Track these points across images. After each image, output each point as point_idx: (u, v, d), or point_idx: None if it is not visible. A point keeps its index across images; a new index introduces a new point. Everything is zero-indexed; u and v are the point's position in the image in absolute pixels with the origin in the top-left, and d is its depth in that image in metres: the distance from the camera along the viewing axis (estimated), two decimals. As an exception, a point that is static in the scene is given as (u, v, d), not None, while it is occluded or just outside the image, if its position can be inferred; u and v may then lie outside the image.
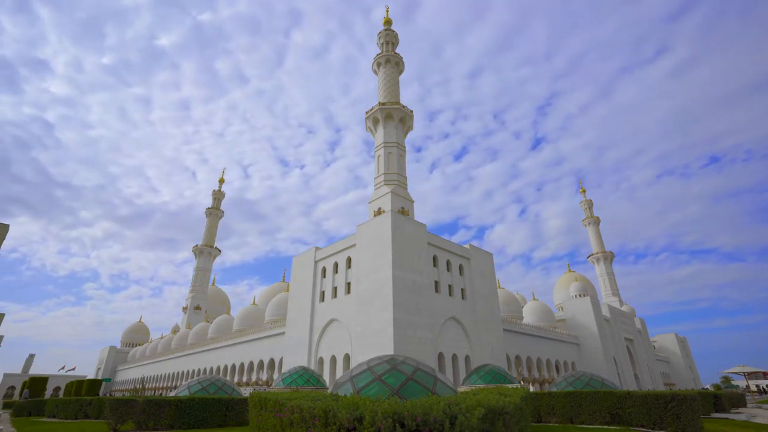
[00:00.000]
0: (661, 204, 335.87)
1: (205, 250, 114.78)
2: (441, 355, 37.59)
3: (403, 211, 46.26)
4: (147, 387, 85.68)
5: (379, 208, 46.75)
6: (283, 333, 48.47)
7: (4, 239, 18.99)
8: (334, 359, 39.21)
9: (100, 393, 60.36)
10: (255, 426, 10.50)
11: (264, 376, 53.06)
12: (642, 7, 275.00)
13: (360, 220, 42.96)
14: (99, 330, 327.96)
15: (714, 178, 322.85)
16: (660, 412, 16.39)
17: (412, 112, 55.64)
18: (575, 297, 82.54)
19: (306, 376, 29.28)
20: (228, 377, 58.78)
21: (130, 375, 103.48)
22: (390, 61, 59.59)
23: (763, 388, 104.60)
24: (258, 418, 10.22)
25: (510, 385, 21.39)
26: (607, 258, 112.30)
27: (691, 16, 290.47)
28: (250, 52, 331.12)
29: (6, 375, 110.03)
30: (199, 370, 68.21)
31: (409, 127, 56.03)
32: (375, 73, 61.70)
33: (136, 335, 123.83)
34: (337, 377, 34.50)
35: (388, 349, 32.00)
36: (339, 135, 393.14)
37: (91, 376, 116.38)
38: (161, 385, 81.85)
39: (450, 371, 37.59)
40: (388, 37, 62.41)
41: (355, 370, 12.50)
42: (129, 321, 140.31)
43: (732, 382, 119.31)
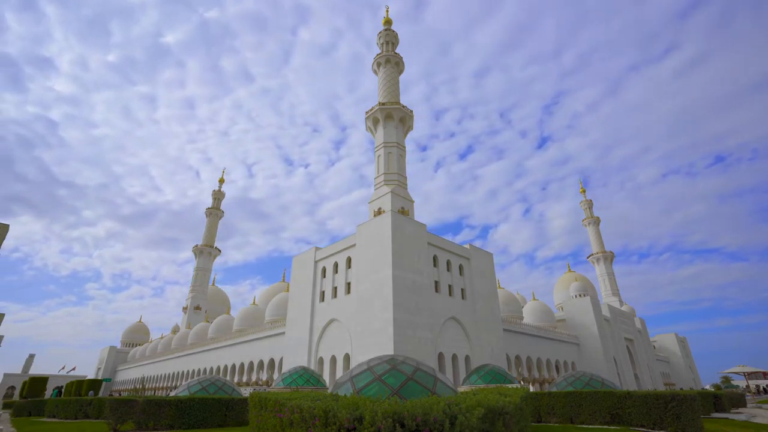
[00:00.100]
0: (666, 203, 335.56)
1: (205, 250, 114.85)
2: (441, 355, 37.59)
3: (403, 211, 46.27)
4: (147, 387, 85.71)
5: (379, 208, 46.77)
6: (283, 333, 48.48)
7: (4, 239, 19.00)
8: (334, 359, 39.21)
9: (101, 393, 60.38)
10: (255, 426, 10.50)
11: (264, 376, 53.07)
12: (652, 4, 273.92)
13: (364, 220, 42.98)
14: (100, 330, 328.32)
15: (719, 178, 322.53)
16: (660, 412, 16.40)
17: (412, 112, 55.66)
18: (575, 297, 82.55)
19: (306, 376, 29.28)
20: (228, 377, 58.79)
21: (130, 375, 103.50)
22: (390, 61, 59.61)
23: (763, 388, 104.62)
24: (258, 418, 10.22)
25: (510, 385, 21.39)
26: (607, 258, 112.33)
27: (701, 14, 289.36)
28: (256, 49, 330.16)
29: (6, 375, 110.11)
30: (199, 370, 68.21)
31: (409, 127, 56.05)
32: (375, 73, 61.70)
33: (136, 335, 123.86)
34: (337, 377, 34.50)
35: (388, 349, 32.00)
36: (344, 134, 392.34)
37: (91, 376, 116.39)
38: (161, 385, 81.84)
39: (450, 371, 37.59)
40: (388, 37, 62.43)
41: (355, 370, 12.50)
42: (130, 321, 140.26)
43: (732, 382, 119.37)
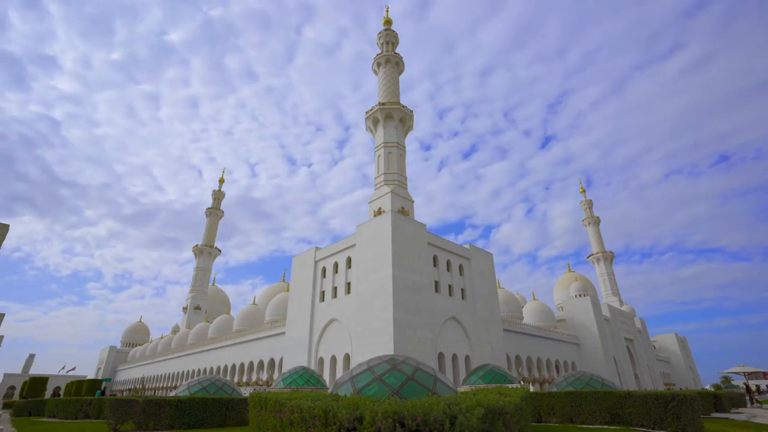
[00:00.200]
0: (669, 203, 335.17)
1: (205, 250, 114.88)
2: (441, 355, 37.59)
3: (403, 211, 46.28)
4: (147, 387, 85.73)
5: (379, 208, 46.78)
6: (283, 333, 48.48)
7: (3, 239, 19.00)
8: (334, 359, 39.22)
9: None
10: (255, 426, 10.50)
11: (264, 376, 53.07)
12: (656, 3, 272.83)
13: (366, 219, 43.02)
14: (100, 330, 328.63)
15: (722, 177, 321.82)
16: (660, 412, 16.39)
17: (412, 112, 55.66)
18: (575, 297, 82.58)
19: (306, 376, 29.27)
20: (228, 377, 58.79)
21: (130, 375, 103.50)
22: (390, 61, 59.61)
23: (763, 388, 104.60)
24: (258, 418, 10.22)
25: (510, 385, 21.40)
26: (607, 258, 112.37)
27: (706, 13, 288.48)
28: (260, 48, 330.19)
29: (6, 375, 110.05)
30: (199, 370, 68.21)
31: (409, 127, 56.06)
32: (375, 73, 61.70)
33: (136, 335, 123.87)
34: (337, 377, 34.50)
35: (388, 349, 32.00)
36: (348, 133, 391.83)
37: (91, 376, 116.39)
38: (161, 385, 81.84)
39: (450, 371, 37.59)
40: (388, 37, 62.43)
41: (355, 370, 12.49)
42: (130, 321, 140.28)
43: (732, 382, 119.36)
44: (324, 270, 44.62)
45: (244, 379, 55.44)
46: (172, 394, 21.99)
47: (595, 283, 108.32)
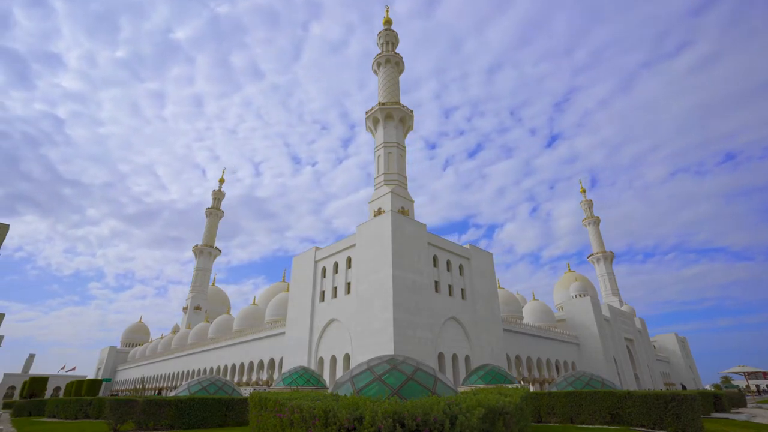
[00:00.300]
0: (673, 202, 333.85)
1: (205, 250, 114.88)
2: (441, 355, 37.59)
3: (403, 211, 46.29)
4: (147, 387, 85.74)
5: (379, 208, 46.80)
6: (283, 333, 48.48)
7: (3, 239, 19.00)
8: (334, 359, 39.22)
9: (100, 393, 60.36)
10: (255, 426, 10.50)
11: (264, 376, 53.08)
12: (665, 1, 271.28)
13: (368, 219, 43.10)
14: (101, 330, 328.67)
15: (728, 176, 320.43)
16: (660, 412, 16.40)
17: (412, 111, 55.67)
18: (575, 297, 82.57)
19: (306, 376, 29.27)
20: (228, 377, 58.80)
21: (130, 375, 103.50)
22: (390, 61, 59.61)
23: (764, 388, 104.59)
24: (258, 418, 10.22)
25: (510, 385, 21.40)
26: (607, 258, 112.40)
27: (714, 12, 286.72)
28: (266, 45, 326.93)
29: (6, 375, 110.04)
30: (199, 370, 68.21)
31: (410, 127, 56.05)
32: (375, 73, 61.69)
33: (137, 335, 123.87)
34: (337, 377, 34.50)
35: (388, 349, 32.00)
36: (353, 131, 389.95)
37: (91, 376, 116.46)
38: (161, 385, 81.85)
39: (450, 371, 37.60)
40: (388, 37, 62.42)
41: (355, 370, 12.50)
42: (131, 321, 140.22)
43: (732, 382, 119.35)
44: (324, 270, 44.63)
45: (244, 379, 55.45)
46: (172, 394, 21.99)
47: (596, 283, 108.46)
